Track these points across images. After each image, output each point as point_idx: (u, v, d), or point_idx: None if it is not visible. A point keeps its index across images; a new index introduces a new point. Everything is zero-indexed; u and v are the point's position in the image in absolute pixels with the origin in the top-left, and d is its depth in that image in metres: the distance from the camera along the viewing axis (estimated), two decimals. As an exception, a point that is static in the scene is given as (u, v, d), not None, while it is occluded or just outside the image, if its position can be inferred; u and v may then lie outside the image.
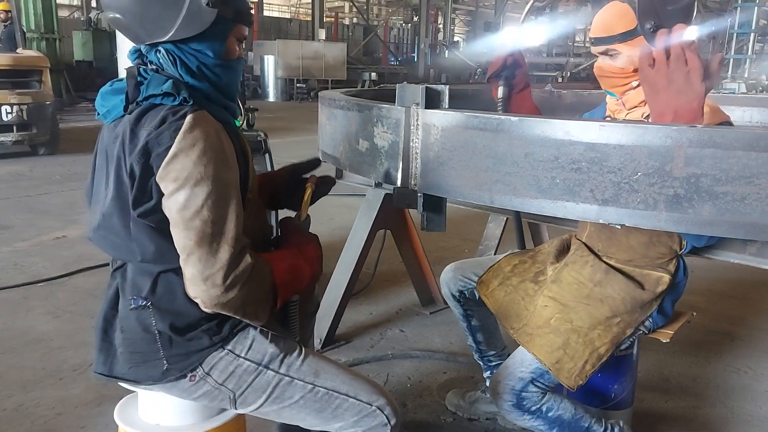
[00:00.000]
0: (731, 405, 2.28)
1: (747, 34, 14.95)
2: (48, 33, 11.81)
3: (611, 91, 1.66)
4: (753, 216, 1.09)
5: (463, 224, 3.78)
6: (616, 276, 1.64)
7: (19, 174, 6.09)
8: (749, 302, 3.27)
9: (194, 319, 1.22)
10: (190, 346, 1.22)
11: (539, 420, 1.62)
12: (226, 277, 1.13)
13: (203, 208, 1.12)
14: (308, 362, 1.30)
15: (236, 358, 1.25)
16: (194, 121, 1.13)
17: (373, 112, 1.61)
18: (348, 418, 1.30)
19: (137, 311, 1.23)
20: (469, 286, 1.97)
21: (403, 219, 2.88)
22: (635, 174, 1.15)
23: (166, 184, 1.13)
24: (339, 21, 25.84)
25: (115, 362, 1.27)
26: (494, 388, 1.66)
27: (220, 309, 1.16)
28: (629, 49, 1.56)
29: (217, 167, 1.14)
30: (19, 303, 2.99)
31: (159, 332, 1.22)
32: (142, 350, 1.23)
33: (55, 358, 2.45)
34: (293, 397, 1.28)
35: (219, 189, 1.14)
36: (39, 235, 4.07)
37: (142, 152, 1.13)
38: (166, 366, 1.22)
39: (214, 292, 1.13)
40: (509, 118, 1.29)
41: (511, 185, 1.30)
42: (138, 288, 1.24)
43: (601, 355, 1.59)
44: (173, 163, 1.12)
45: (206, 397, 1.27)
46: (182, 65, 1.20)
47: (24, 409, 2.11)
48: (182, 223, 1.13)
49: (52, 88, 7.29)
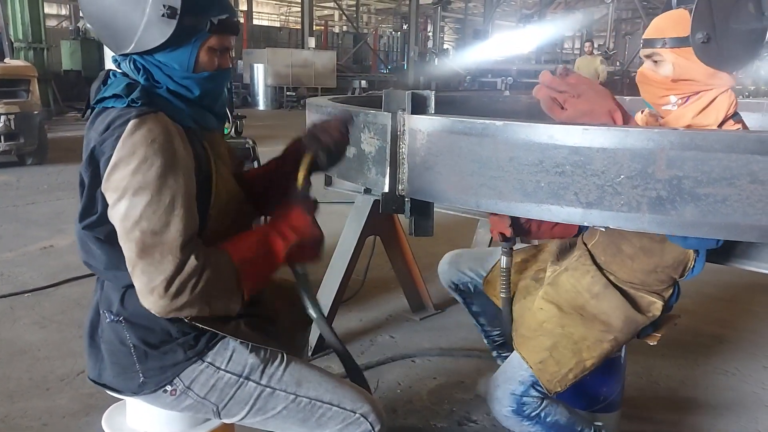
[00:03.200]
0: (719, 407, 2.29)
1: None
2: (36, 42, 11.75)
3: (649, 101, 1.55)
4: (734, 217, 1.10)
5: (453, 230, 3.78)
6: (614, 293, 1.62)
7: (6, 184, 6.04)
8: (737, 304, 3.30)
9: (167, 332, 1.21)
10: (165, 360, 1.21)
11: (538, 426, 1.58)
12: (170, 285, 1.08)
13: (141, 219, 1.08)
14: (290, 371, 1.29)
15: (216, 371, 1.24)
16: (136, 126, 1.09)
17: (359, 118, 1.61)
18: (332, 426, 1.29)
19: (112, 324, 1.23)
20: (464, 279, 1.98)
21: (393, 225, 2.88)
22: (618, 177, 1.16)
23: (110, 194, 1.10)
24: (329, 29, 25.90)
25: (103, 368, 1.27)
26: (492, 394, 1.61)
27: (177, 315, 1.12)
28: (675, 57, 1.44)
29: (161, 173, 1.09)
30: (5, 313, 2.96)
31: (134, 345, 1.21)
32: (121, 362, 1.23)
33: (42, 369, 2.42)
34: (276, 407, 1.27)
35: (161, 197, 1.09)
36: (26, 245, 4.04)
37: (89, 160, 1.11)
38: (141, 379, 1.22)
39: (163, 303, 1.09)
40: (494, 123, 1.30)
41: (497, 189, 1.30)
42: (109, 302, 1.23)
43: (586, 368, 1.58)
44: (114, 173, 1.09)
45: (191, 409, 1.26)
46: (145, 75, 1.18)
47: (10, 420, 2.08)
48: (124, 235, 1.10)
49: (39, 97, 7.25)
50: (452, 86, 21.23)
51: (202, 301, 1.12)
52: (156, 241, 1.08)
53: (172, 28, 1.14)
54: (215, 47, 1.22)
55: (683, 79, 1.45)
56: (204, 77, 1.21)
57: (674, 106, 1.49)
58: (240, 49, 18.93)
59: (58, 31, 17.28)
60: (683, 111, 1.47)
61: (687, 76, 1.45)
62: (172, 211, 1.10)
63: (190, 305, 1.11)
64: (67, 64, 14.75)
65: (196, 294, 1.11)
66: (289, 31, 25.50)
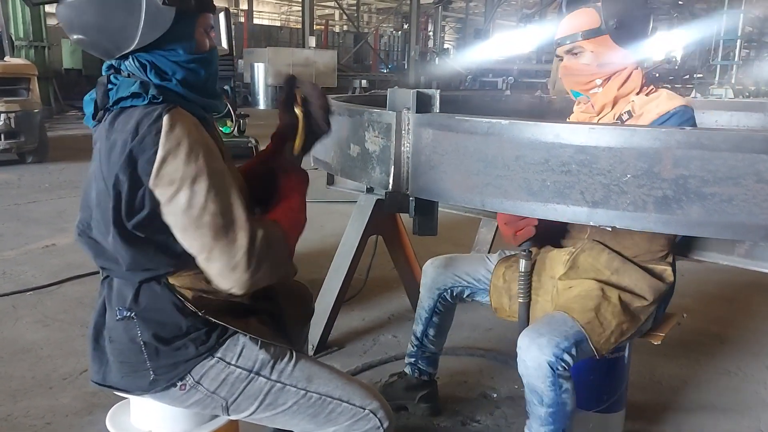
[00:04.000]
0: (722, 407, 2.29)
1: (733, 40, 15.13)
2: (37, 41, 11.75)
3: (576, 89, 1.75)
4: (740, 216, 1.10)
5: (455, 229, 3.78)
6: (632, 266, 1.68)
7: (7, 182, 6.04)
8: (739, 304, 3.30)
9: (179, 328, 1.21)
10: (177, 356, 1.21)
11: (553, 392, 1.51)
12: (250, 258, 1.14)
13: (207, 203, 1.12)
14: (300, 367, 1.30)
15: (227, 366, 1.24)
16: (172, 119, 1.12)
17: (364, 117, 1.61)
18: (342, 422, 1.29)
19: (123, 322, 1.22)
20: (460, 284, 1.96)
21: (395, 225, 2.88)
22: (624, 176, 1.16)
23: (162, 190, 1.11)
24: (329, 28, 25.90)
25: (108, 371, 1.26)
26: (534, 339, 1.52)
27: (256, 287, 1.19)
28: (594, 46, 1.66)
29: (207, 160, 1.14)
30: (7, 312, 2.96)
31: (144, 343, 1.21)
32: (130, 360, 1.23)
33: (45, 367, 2.42)
34: (286, 403, 1.27)
35: (216, 180, 1.14)
36: (27, 244, 4.04)
37: (128, 161, 1.11)
38: (153, 376, 1.21)
39: (246, 277, 1.15)
40: (500, 122, 1.30)
41: (502, 188, 1.30)
42: (122, 298, 1.22)
43: (624, 332, 1.61)
44: (164, 167, 1.10)
45: (198, 404, 1.26)
46: (153, 70, 1.19)
47: (13, 419, 2.08)
48: (192, 224, 1.12)
49: (40, 95, 7.27)
50: (453, 86, 21.22)
51: (274, 268, 1.20)
52: (227, 221, 1.13)
53: (172, 12, 1.15)
54: (204, 27, 1.24)
55: (605, 63, 1.68)
56: (204, 57, 1.24)
57: (600, 88, 1.71)
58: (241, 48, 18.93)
59: (59, 29, 17.26)
60: (608, 86, 1.70)
61: (606, 59, 1.68)
62: (229, 190, 1.16)
63: (265, 277, 1.18)
64: (68, 63, 14.77)
65: (271, 262, 1.18)
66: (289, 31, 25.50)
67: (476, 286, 1.95)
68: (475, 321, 2.85)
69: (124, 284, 1.23)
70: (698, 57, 20.04)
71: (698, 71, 18.56)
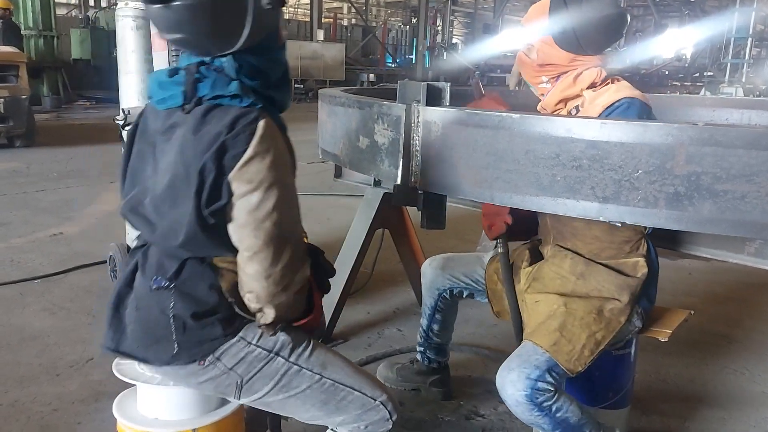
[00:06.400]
0: (728, 406, 2.28)
1: (744, 39, 15.01)
2: (46, 30, 11.75)
3: (528, 82, 1.72)
4: (753, 214, 1.09)
5: (462, 224, 3.77)
6: (597, 267, 1.63)
7: (16, 171, 6.07)
8: (747, 304, 3.28)
9: (211, 308, 1.24)
10: (203, 335, 1.23)
11: (546, 418, 1.53)
12: (285, 277, 1.20)
13: (274, 211, 1.17)
14: (317, 353, 1.31)
15: (247, 345, 1.26)
16: (266, 127, 1.17)
17: (374, 110, 1.61)
18: (351, 411, 1.31)
19: (158, 292, 1.24)
20: (457, 285, 1.97)
21: (402, 218, 2.88)
22: (636, 172, 1.16)
23: (239, 184, 1.16)
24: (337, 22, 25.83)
25: (124, 338, 1.28)
26: (505, 377, 1.55)
27: (269, 307, 1.22)
28: (540, 44, 1.61)
29: (285, 172, 1.21)
30: (15, 299, 2.98)
31: (174, 316, 1.23)
32: (155, 332, 1.24)
33: (52, 355, 2.44)
34: (300, 386, 1.28)
35: (287, 193, 1.20)
36: (35, 232, 4.05)
37: (218, 151, 1.15)
38: (176, 350, 1.23)
39: (273, 290, 1.20)
40: (510, 116, 1.29)
41: (512, 182, 1.30)
42: (163, 269, 1.25)
43: (599, 342, 1.56)
44: (249, 166, 1.15)
45: (212, 381, 1.27)
46: (247, 69, 1.20)
47: (20, 404, 2.10)
48: (252, 223, 1.17)
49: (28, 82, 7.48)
50: (461, 81, 21.14)
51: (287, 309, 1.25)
52: (283, 234, 1.19)
53: (277, 14, 1.21)
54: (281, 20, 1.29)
55: (547, 63, 1.63)
56: (284, 48, 1.29)
57: (548, 84, 1.66)
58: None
59: (68, 19, 17.25)
60: (555, 88, 1.64)
61: (549, 60, 1.62)
62: (293, 208, 1.23)
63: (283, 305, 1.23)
64: (77, 53, 14.75)
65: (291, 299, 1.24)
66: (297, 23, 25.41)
67: (474, 287, 1.96)
68: (481, 317, 2.84)
69: (167, 257, 1.25)
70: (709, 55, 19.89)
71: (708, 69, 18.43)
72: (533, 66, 1.65)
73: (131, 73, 2.81)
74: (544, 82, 1.66)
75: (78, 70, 13.82)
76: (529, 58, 1.66)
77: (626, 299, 1.61)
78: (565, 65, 1.61)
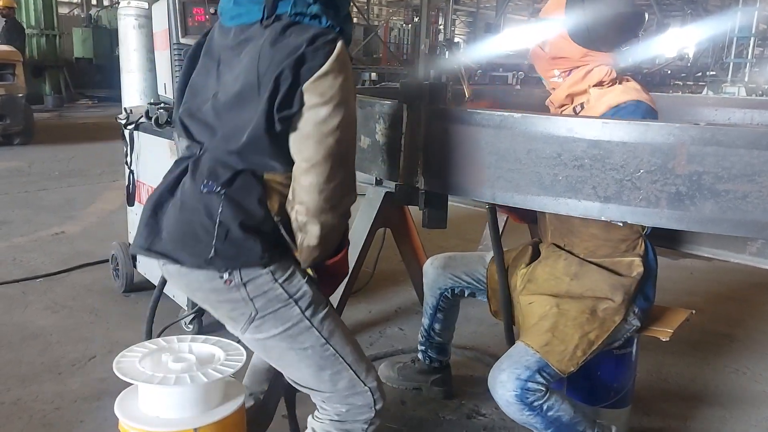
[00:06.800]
0: (729, 405, 2.28)
1: (747, 38, 14.97)
2: (48, 29, 11.77)
3: (541, 75, 1.73)
4: (755, 214, 1.09)
5: (463, 224, 3.77)
6: (591, 267, 1.64)
7: (18, 170, 6.08)
8: (748, 304, 3.28)
9: (257, 222, 1.25)
10: (242, 247, 1.24)
11: (538, 417, 1.55)
12: (336, 196, 1.23)
13: (338, 129, 1.20)
14: (330, 320, 1.33)
15: (274, 282, 1.27)
16: (343, 49, 1.22)
17: (375, 109, 1.61)
18: (341, 386, 1.32)
19: (207, 196, 1.25)
20: (458, 285, 1.97)
21: (404, 218, 2.88)
22: (638, 171, 1.16)
23: (311, 96, 1.20)
24: (339, 21, 25.83)
25: (158, 240, 1.29)
26: (496, 378, 1.57)
27: (314, 223, 1.24)
28: (555, 36, 1.62)
29: (353, 97, 1.25)
30: (17, 298, 2.98)
31: (220, 222, 1.24)
32: (197, 234, 1.25)
33: (54, 353, 2.44)
34: (304, 343, 1.30)
35: (351, 117, 1.24)
36: (37, 231, 4.06)
37: (297, 61, 1.18)
38: (212, 254, 1.23)
39: (323, 205, 1.22)
40: (512, 115, 1.29)
41: (514, 182, 1.30)
42: (215, 176, 1.26)
43: (592, 342, 1.57)
44: (324, 80, 1.19)
45: (229, 305, 1.29)
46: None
47: (22, 403, 2.10)
48: (317, 136, 1.20)
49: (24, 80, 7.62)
50: (462, 80, 21.07)
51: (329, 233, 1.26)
52: (343, 153, 1.23)
53: None
54: None
55: (559, 56, 1.63)
56: None
57: (559, 78, 1.67)
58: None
59: (70, 18, 17.25)
60: (564, 83, 1.65)
61: (562, 54, 1.62)
62: (354, 133, 1.27)
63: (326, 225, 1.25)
64: (79, 52, 14.76)
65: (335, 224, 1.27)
66: (299, 22, 25.46)
67: (476, 286, 1.96)
68: (481, 315, 2.84)
69: (222, 166, 1.27)
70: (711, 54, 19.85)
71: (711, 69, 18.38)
72: (546, 58, 1.67)
73: (133, 72, 2.82)
74: (555, 76, 1.67)
75: (80, 69, 13.83)
76: (543, 51, 1.67)
77: (620, 299, 1.60)
78: (576, 59, 1.61)
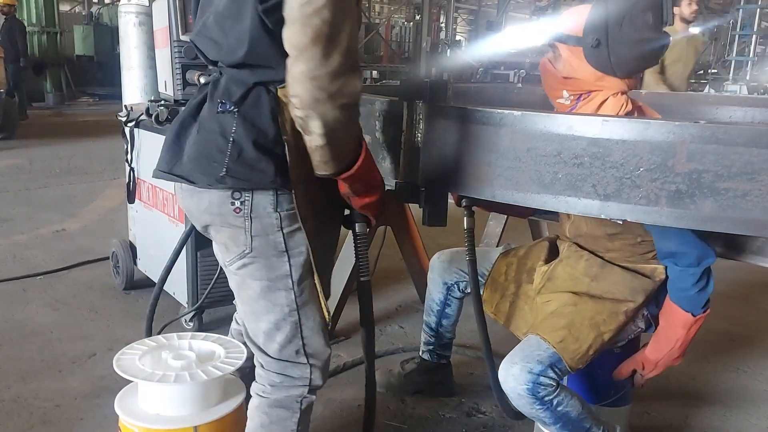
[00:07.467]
0: (730, 404, 2.28)
1: (749, 36, 14.93)
2: (49, 27, 11.79)
3: (546, 93, 1.62)
4: (755, 212, 1.09)
5: (463, 222, 3.78)
6: (612, 269, 1.63)
7: (19, 167, 6.08)
8: (749, 303, 3.28)
9: (270, 140, 1.22)
10: (254, 167, 1.22)
11: (548, 412, 1.54)
12: (332, 84, 1.12)
13: (324, 8, 1.09)
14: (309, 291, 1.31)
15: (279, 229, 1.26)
16: None
17: (375, 106, 1.60)
18: (282, 349, 1.32)
19: (222, 115, 1.24)
20: (464, 279, 1.97)
21: (404, 216, 2.88)
22: (637, 169, 1.15)
23: None
24: (340, 18, 25.79)
25: (179, 163, 1.28)
26: (508, 371, 1.54)
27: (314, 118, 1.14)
28: (569, 55, 1.50)
29: None
30: (17, 295, 2.99)
31: (233, 140, 1.22)
32: (211, 153, 1.24)
33: (54, 350, 2.44)
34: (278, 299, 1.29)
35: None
36: (38, 228, 4.06)
37: None
38: (224, 173, 1.22)
39: (317, 94, 1.12)
40: (512, 113, 1.29)
41: (513, 180, 1.30)
42: (229, 94, 1.25)
43: (605, 342, 1.57)
44: None
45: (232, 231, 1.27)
46: None
47: (22, 400, 2.11)
48: (301, 19, 1.11)
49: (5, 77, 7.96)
50: (464, 78, 21.09)
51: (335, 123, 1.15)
52: (332, 33, 1.11)
53: None
54: None
55: (573, 77, 1.51)
56: None
57: (567, 101, 1.55)
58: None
59: (71, 15, 17.25)
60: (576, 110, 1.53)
61: (576, 74, 1.50)
62: (350, 12, 1.14)
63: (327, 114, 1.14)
64: (80, 50, 14.76)
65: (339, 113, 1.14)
66: (300, 20, 25.44)
67: (482, 281, 1.95)
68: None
69: (235, 83, 1.25)
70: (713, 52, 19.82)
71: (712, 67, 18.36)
72: (557, 77, 1.55)
73: (134, 69, 2.82)
74: (564, 97, 1.55)
75: (81, 67, 13.83)
76: (554, 68, 1.55)
77: (641, 300, 1.60)
78: (590, 83, 1.50)
